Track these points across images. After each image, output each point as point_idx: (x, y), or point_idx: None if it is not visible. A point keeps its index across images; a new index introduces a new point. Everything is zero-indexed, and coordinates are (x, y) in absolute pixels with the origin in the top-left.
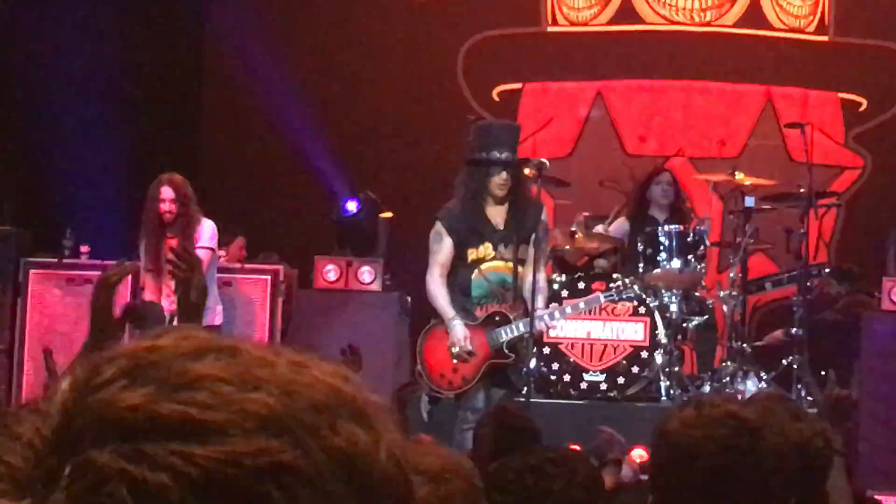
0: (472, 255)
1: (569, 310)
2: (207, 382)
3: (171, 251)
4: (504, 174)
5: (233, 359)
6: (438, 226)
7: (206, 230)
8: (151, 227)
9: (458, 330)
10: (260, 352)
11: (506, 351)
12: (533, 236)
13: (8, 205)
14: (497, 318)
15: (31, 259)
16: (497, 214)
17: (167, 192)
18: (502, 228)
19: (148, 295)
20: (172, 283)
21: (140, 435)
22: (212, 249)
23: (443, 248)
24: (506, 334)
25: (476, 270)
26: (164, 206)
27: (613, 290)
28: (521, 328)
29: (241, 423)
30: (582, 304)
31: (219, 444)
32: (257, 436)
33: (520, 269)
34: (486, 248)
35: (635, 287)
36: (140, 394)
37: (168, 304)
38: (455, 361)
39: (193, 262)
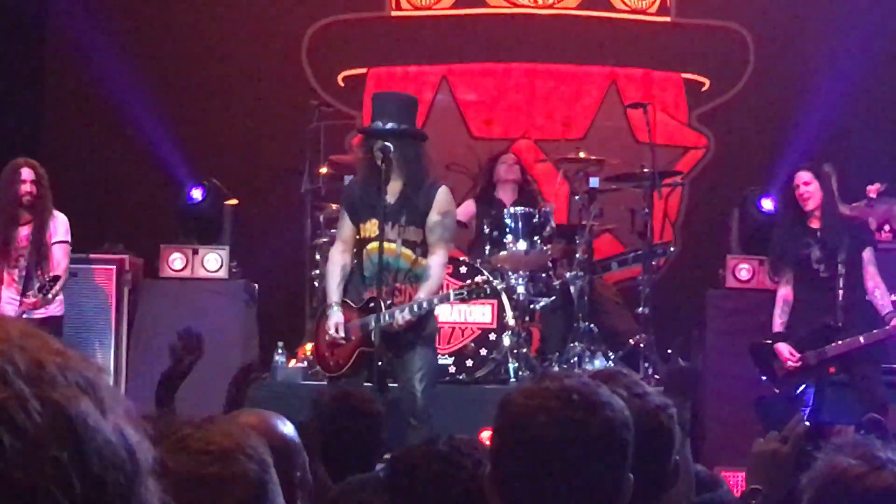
0: (362, 231)
1: (420, 306)
2: None
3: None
4: (380, 143)
5: None
6: (341, 201)
7: (61, 224)
8: (6, 211)
9: (332, 317)
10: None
11: (374, 339)
12: (428, 219)
13: None
14: (371, 305)
15: None
16: (391, 191)
17: (28, 173)
18: (392, 205)
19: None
20: (24, 272)
21: None
22: (68, 243)
23: (343, 223)
24: (375, 322)
25: (365, 250)
26: (26, 188)
27: (465, 289)
28: (387, 318)
29: None
30: (435, 300)
31: None
32: None
33: (405, 250)
34: (372, 226)
35: (486, 288)
36: None
37: (13, 293)
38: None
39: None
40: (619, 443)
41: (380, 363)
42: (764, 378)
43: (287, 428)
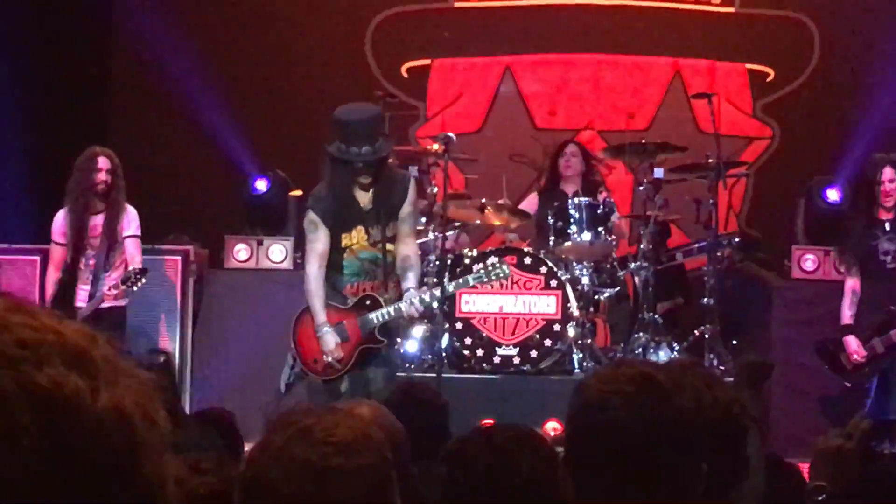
0: (345, 240)
1: (437, 291)
2: None
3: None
4: (363, 169)
5: None
6: (311, 215)
7: (133, 217)
8: (81, 199)
9: (329, 339)
10: None
11: (377, 335)
12: (401, 212)
13: None
14: (368, 303)
15: None
16: (364, 198)
17: (104, 162)
18: (371, 209)
19: (52, 272)
20: (93, 262)
21: None
22: (139, 237)
23: (319, 238)
24: (377, 319)
25: (348, 250)
26: (102, 176)
27: (482, 270)
28: (392, 312)
29: None
30: (451, 287)
31: None
32: None
33: (389, 246)
34: (360, 233)
35: (504, 267)
36: None
37: (81, 282)
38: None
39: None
40: (693, 431)
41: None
42: (833, 374)
43: (398, 421)
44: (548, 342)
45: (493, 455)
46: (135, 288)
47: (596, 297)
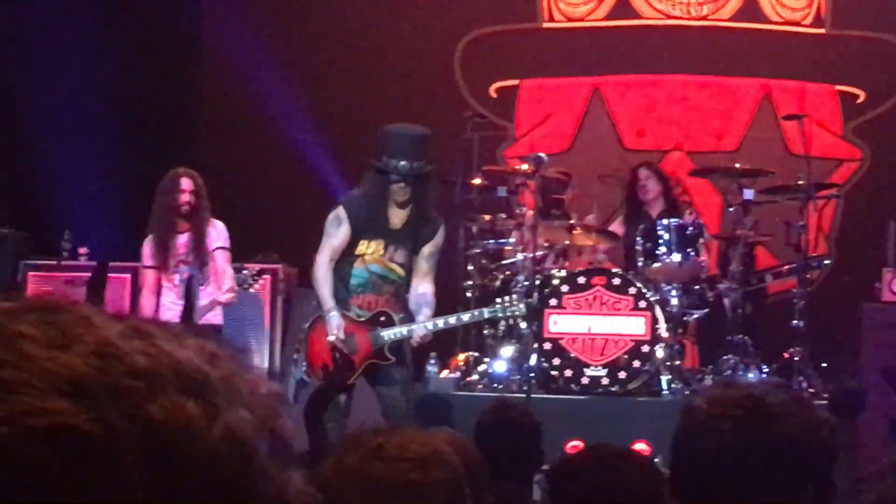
0: (361, 247)
1: (452, 320)
2: (17, 340)
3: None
4: (402, 183)
5: (54, 317)
6: (340, 210)
7: (221, 230)
8: (165, 220)
9: (334, 320)
10: (94, 314)
11: (387, 353)
12: (424, 249)
13: (5, 207)
14: (382, 319)
15: (30, 261)
16: (396, 216)
17: (187, 183)
18: (398, 231)
19: (148, 296)
20: (175, 278)
21: None
22: (228, 249)
23: (339, 233)
24: (388, 337)
25: (359, 259)
26: (185, 197)
27: (498, 305)
28: (405, 332)
29: (36, 383)
30: (465, 317)
31: (4, 402)
32: (49, 397)
33: (401, 270)
34: (378, 245)
35: (521, 306)
36: None
37: (173, 297)
38: (333, 353)
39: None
40: (799, 455)
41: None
42: None
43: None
44: (636, 363)
45: (599, 471)
46: (252, 290)
47: (685, 318)
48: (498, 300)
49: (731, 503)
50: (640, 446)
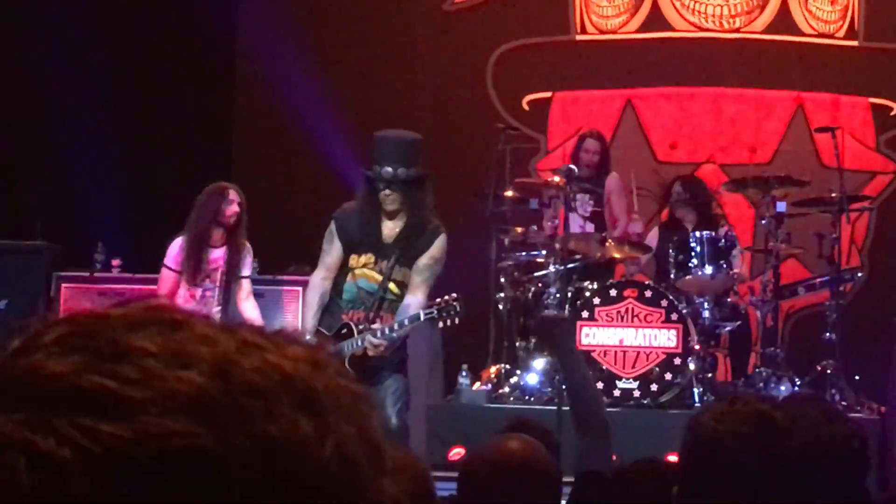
0: (352, 260)
1: (395, 326)
2: (136, 356)
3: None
4: (388, 190)
5: (173, 333)
6: (332, 225)
7: (250, 255)
8: (204, 229)
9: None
10: (208, 329)
11: (346, 365)
12: (419, 261)
13: (39, 220)
14: (344, 332)
15: (63, 273)
16: (388, 228)
17: (235, 195)
18: (391, 243)
19: (180, 301)
20: (209, 294)
21: (56, 406)
22: (251, 280)
23: (332, 250)
24: (348, 348)
25: (350, 274)
26: (234, 208)
27: (434, 308)
28: (359, 342)
29: (161, 402)
30: (406, 322)
31: (130, 422)
32: (174, 416)
33: (392, 285)
34: (369, 259)
35: (456, 305)
36: (67, 362)
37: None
38: None
39: None
40: (814, 469)
41: None
42: None
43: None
44: (668, 376)
45: (651, 480)
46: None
47: (717, 330)
48: (437, 300)
49: None
50: (673, 458)
